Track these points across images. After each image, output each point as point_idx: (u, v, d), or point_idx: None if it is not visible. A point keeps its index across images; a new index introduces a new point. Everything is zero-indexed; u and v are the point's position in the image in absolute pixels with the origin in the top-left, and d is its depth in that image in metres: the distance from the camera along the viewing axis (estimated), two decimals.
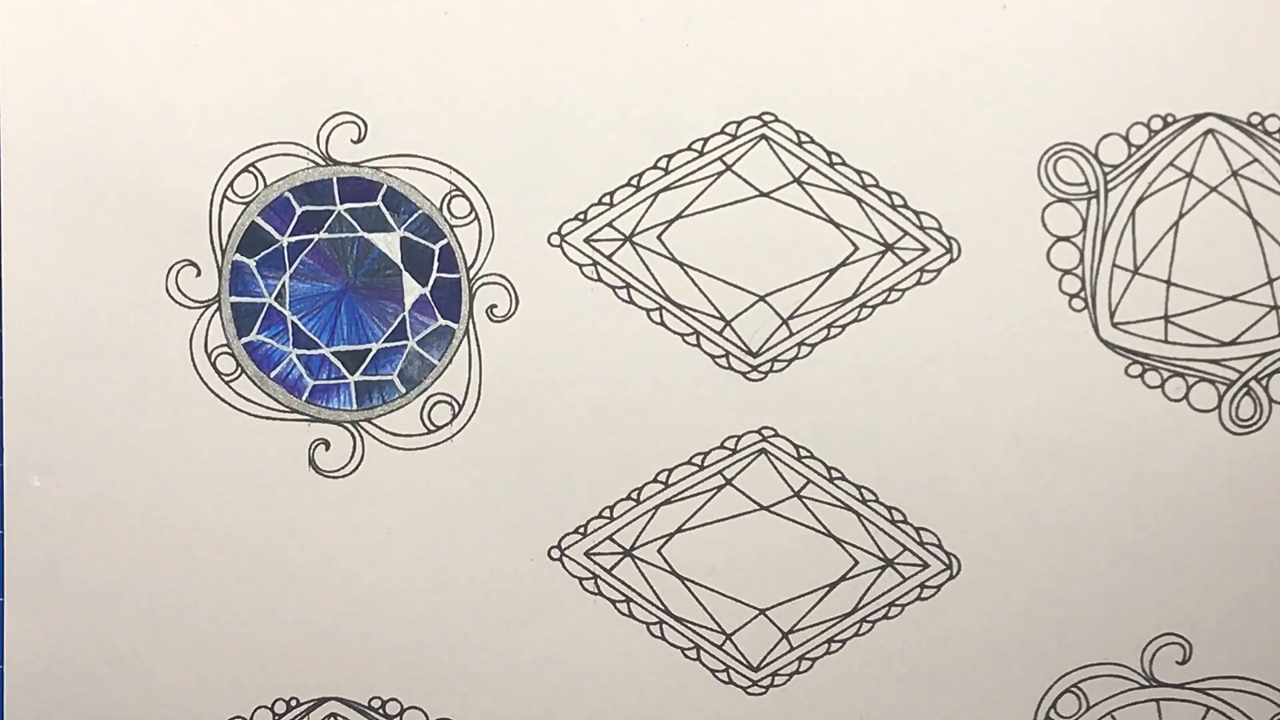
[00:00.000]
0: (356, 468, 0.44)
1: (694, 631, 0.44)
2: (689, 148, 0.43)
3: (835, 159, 0.43)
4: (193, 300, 0.43)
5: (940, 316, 0.43)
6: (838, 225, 0.43)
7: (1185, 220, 0.43)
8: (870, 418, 0.43)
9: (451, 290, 0.43)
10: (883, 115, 0.42)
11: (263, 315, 0.43)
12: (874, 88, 0.42)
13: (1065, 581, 0.44)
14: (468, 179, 0.43)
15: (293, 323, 0.44)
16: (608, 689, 0.44)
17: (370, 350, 0.44)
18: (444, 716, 0.45)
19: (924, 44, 0.42)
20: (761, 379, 0.43)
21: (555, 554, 0.44)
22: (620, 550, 0.44)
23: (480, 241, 0.43)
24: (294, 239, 0.43)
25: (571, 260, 0.43)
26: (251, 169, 0.43)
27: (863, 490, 0.44)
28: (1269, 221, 0.43)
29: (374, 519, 0.44)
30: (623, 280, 0.43)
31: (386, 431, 0.44)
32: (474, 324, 0.43)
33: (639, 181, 0.43)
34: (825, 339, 0.43)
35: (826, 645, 0.44)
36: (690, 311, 0.43)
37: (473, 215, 0.43)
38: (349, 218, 0.43)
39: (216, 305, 0.43)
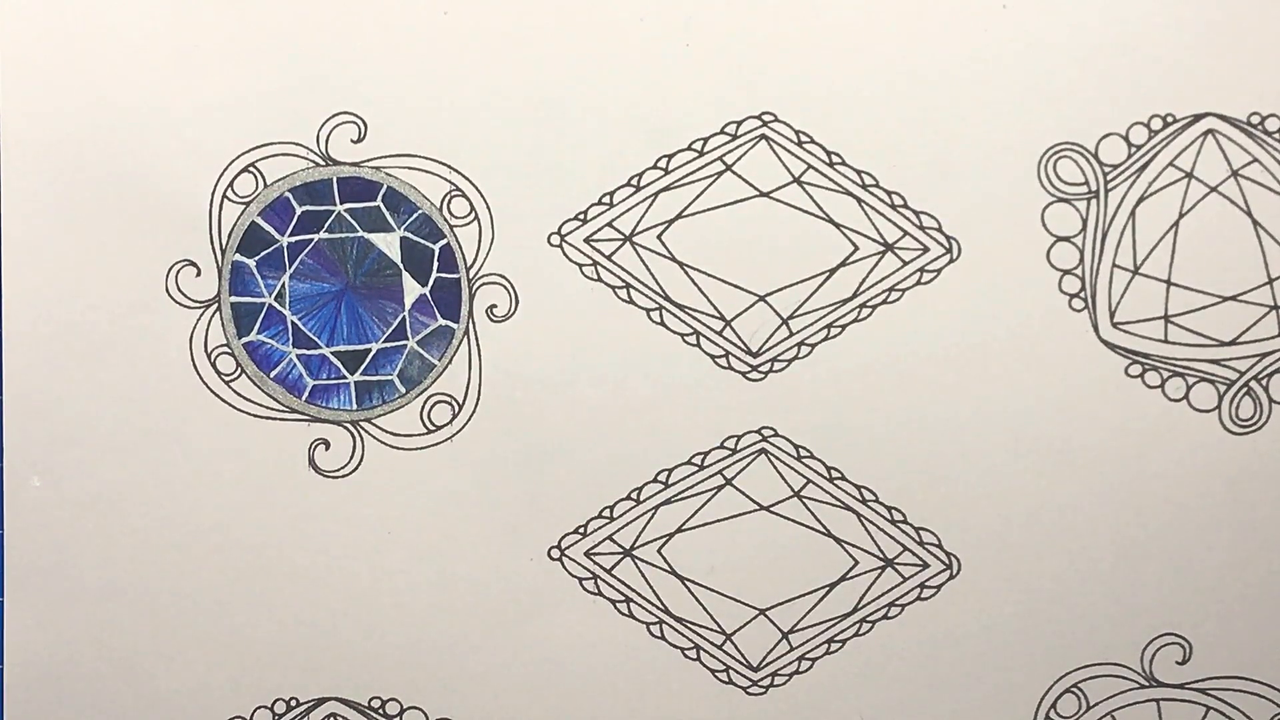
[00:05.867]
0: (356, 468, 0.44)
1: (694, 631, 0.44)
2: (689, 148, 0.43)
3: (835, 159, 0.43)
4: (193, 300, 0.43)
5: (940, 316, 0.43)
6: (838, 225, 0.43)
7: (1185, 220, 0.43)
8: (870, 418, 0.43)
9: (451, 290, 0.43)
10: (883, 115, 0.42)
11: (263, 315, 0.43)
12: (874, 88, 0.42)
13: (1065, 581, 0.44)
14: (468, 179, 0.43)
15: (293, 323, 0.44)
16: (608, 689, 0.44)
17: (370, 350, 0.44)
18: (444, 716, 0.45)
19: (924, 44, 0.42)
20: (761, 379, 0.43)
21: (555, 554, 0.44)
22: (620, 550, 0.44)
23: (480, 241, 0.43)
24: (294, 239, 0.43)
25: (571, 260, 0.43)
26: (251, 169, 0.43)
27: (863, 490, 0.44)
28: (1269, 221, 0.43)
29: (374, 519, 0.44)
30: (623, 280, 0.43)
31: (386, 431, 0.44)
32: (474, 324, 0.43)
33: (639, 181, 0.43)
34: (825, 339, 0.43)
35: (826, 645, 0.44)
36: (690, 311, 0.43)
37: (473, 215, 0.43)
38: (349, 218, 0.43)
39: (216, 305, 0.43)
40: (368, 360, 0.44)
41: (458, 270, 0.43)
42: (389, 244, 0.43)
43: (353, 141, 0.43)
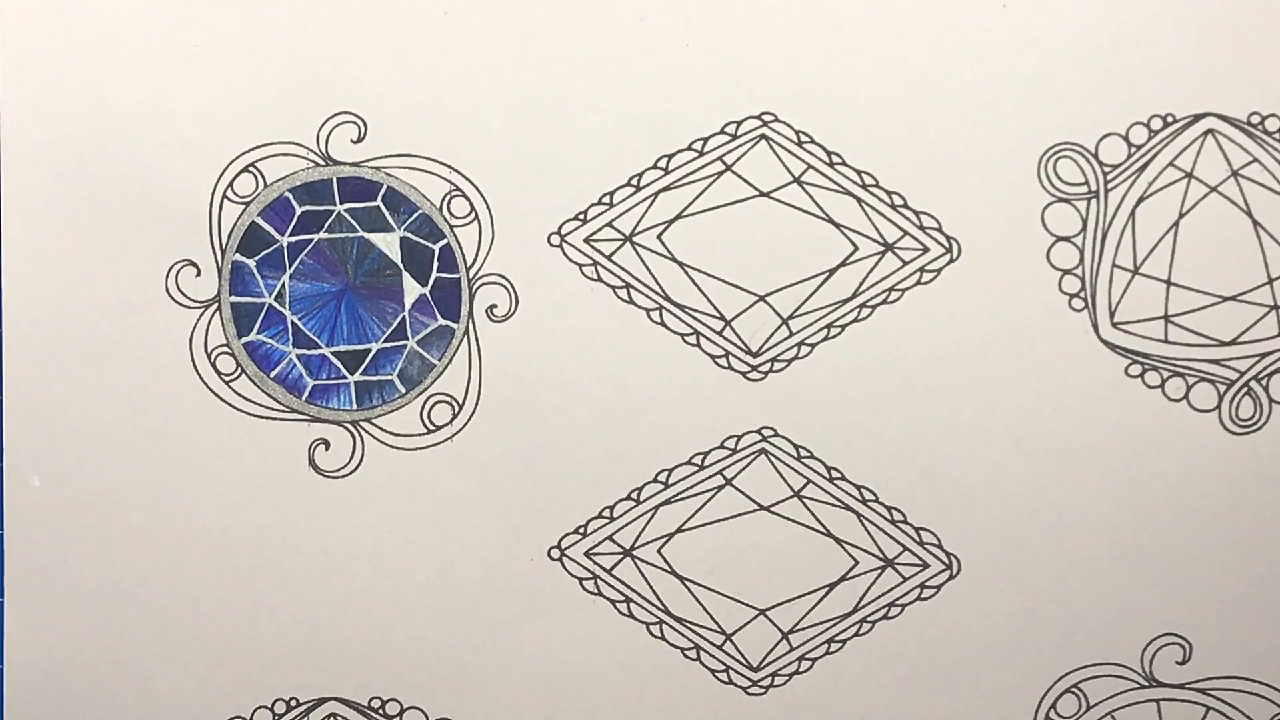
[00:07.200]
0: (356, 468, 0.44)
1: (694, 631, 0.44)
2: (689, 148, 0.43)
3: (835, 159, 0.43)
4: (193, 300, 0.43)
5: (940, 316, 0.43)
6: (838, 225, 0.43)
7: (1185, 220, 0.43)
8: (870, 418, 0.43)
9: (451, 290, 0.43)
10: (883, 115, 0.42)
11: (263, 315, 0.43)
12: (874, 88, 0.42)
13: (1065, 581, 0.44)
14: (468, 179, 0.43)
15: (293, 323, 0.44)
16: (608, 689, 0.44)
17: (370, 350, 0.44)
18: (444, 716, 0.45)
19: (924, 44, 0.42)
20: (761, 379, 0.43)
21: (555, 554, 0.44)
22: (620, 550, 0.44)
23: (480, 241, 0.43)
24: (294, 239, 0.43)
25: (571, 260, 0.43)
26: (251, 169, 0.43)
27: (863, 490, 0.44)
28: (1269, 221, 0.43)
29: (374, 519, 0.44)
30: (623, 280, 0.43)
31: (386, 431, 0.44)
32: (474, 324, 0.43)
33: (639, 181, 0.43)
34: (825, 339, 0.43)
35: (826, 645, 0.44)
36: (690, 311, 0.43)
37: (473, 215, 0.43)
38: (349, 218, 0.43)
39: (216, 305, 0.43)
40: (368, 360, 0.44)
41: (458, 270, 0.43)
42: (389, 244, 0.43)
43: (353, 141, 0.43)
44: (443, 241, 0.43)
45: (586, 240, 0.43)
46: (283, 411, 0.44)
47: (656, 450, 0.44)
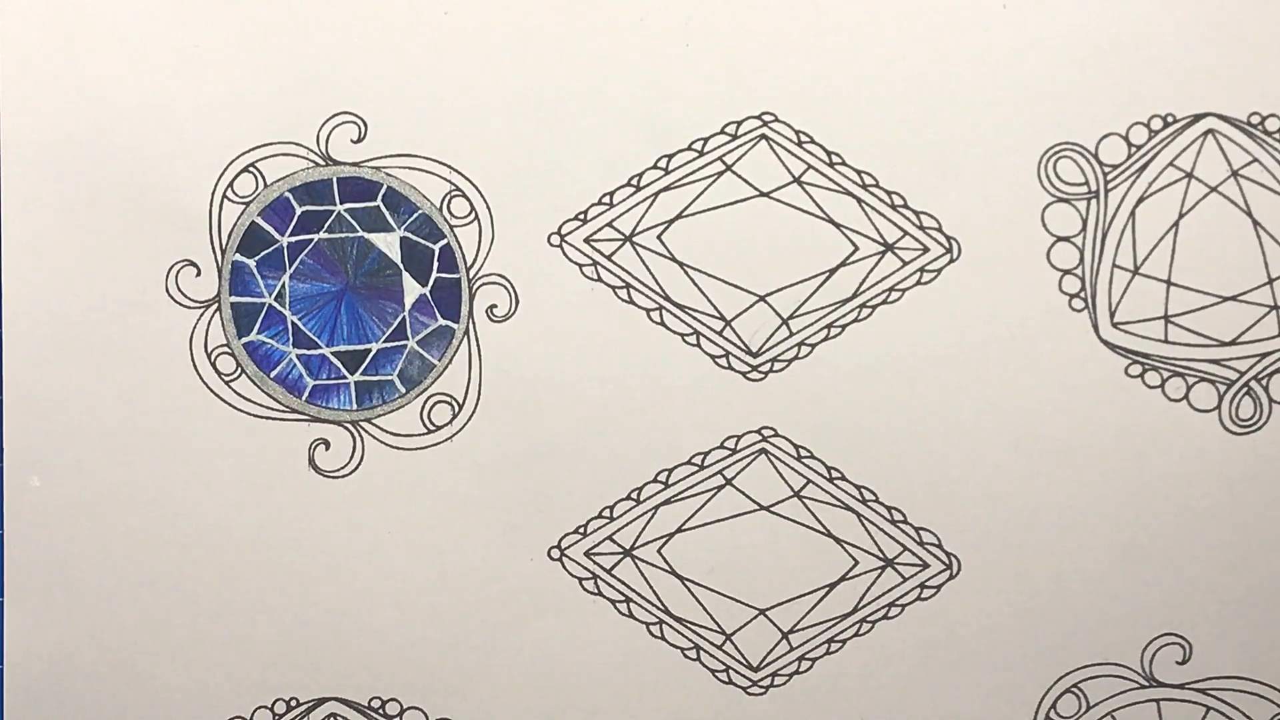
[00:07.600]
0: (356, 468, 0.44)
1: (694, 631, 0.44)
2: (689, 148, 0.43)
3: (835, 159, 0.43)
4: (193, 300, 0.43)
5: (940, 316, 0.43)
6: (838, 225, 0.43)
7: (1185, 220, 0.43)
8: (870, 418, 0.43)
9: (451, 290, 0.43)
10: (883, 115, 0.42)
11: (263, 315, 0.43)
12: (874, 88, 0.42)
13: (1065, 581, 0.44)
14: (468, 179, 0.43)
15: (293, 323, 0.44)
16: (608, 689, 0.44)
17: (370, 350, 0.44)
18: (444, 716, 0.45)
19: (924, 44, 0.42)
20: (761, 379, 0.43)
21: (555, 554, 0.44)
22: (620, 550, 0.44)
23: (480, 241, 0.43)
24: (294, 239, 0.43)
25: (571, 260, 0.43)
26: (251, 169, 0.43)
27: (863, 490, 0.44)
28: (1269, 221, 0.43)
29: (374, 519, 0.44)
30: (623, 280, 0.43)
31: (386, 431, 0.44)
32: (474, 324, 0.43)
33: (639, 181, 0.43)
34: (825, 339, 0.43)
35: (826, 645, 0.44)
36: (690, 311, 0.43)
37: (473, 215, 0.43)
38: (349, 218, 0.43)
39: (216, 305, 0.43)
40: (368, 360, 0.44)
41: (458, 270, 0.43)
42: (389, 244, 0.43)
43: (353, 141, 0.43)
44: (443, 241, 0.43)
45: (586, 240, 0.43)
46: (283, 411, 0.44)
47: (656, 450, 0.44)
